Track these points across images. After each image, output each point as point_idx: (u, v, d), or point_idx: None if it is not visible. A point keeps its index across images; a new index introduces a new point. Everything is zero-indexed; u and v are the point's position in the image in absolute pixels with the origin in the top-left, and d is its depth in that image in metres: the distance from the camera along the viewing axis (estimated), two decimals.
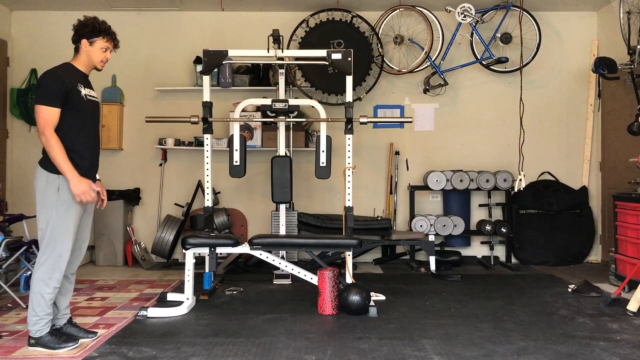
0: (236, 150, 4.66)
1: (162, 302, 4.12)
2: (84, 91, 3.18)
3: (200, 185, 5.77)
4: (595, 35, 6.11)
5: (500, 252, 5.92)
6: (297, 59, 5.15)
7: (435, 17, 5.80)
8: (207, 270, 4.57)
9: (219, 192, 5.94)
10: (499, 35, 5.84)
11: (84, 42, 3.21)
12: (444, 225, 5.66)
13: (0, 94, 5.87)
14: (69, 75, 3.15)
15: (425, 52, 5.84)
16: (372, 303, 3.82)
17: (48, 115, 3.01)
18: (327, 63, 4.50)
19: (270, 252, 4.15)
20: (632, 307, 3.78)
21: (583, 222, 5.97)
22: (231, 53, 4.50)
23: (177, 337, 3.29)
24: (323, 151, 4.59)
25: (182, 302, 3.89)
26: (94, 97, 3.27)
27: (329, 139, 4.62)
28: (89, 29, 3.20)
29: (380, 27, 5.85)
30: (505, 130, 6.07)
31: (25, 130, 6.06)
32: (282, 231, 5.00)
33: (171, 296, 4.19)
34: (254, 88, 5.92)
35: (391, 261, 5.92)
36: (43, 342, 3.06)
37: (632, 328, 3.49)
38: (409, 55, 5.98)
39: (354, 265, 5.36)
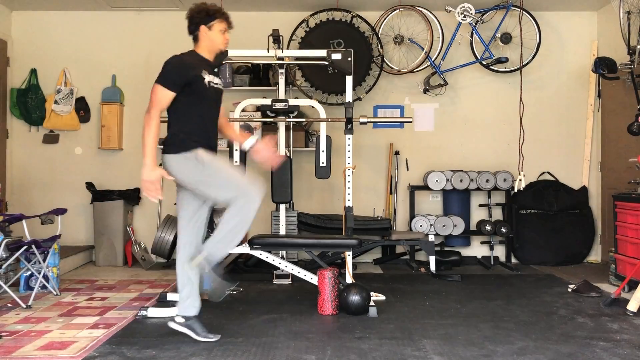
0: (236, 150, 4.66)
1: (162, 302, 4.12)
2: (208, 78, 3.19)
3: None
4: (595, 35, 6.11)
5: (500, 252, 5.92)
6: (297, 59, 5.15)
7: (435, 17, 5.80)
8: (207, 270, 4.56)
9: None
10: (498, 35, 5.84)
11: (203, 28, 3.21)
12: (444, 225, 5.66)
13: (0, 94, 5.87)
14: (194, 61, 3.19)
15: (425, 52, 5.84)
16: (372, 303, 3.82)
17: (161, 96, 3.07)
18: (327, 63, 4.49)
19: (270, 252, 4.15)
20: (632, 307, 3.78)
21: (583, 222, 5.97)
22: (231, 53, 4.50)
23: (177, 337, 3.28)
24: (323, 151, 4.59)
25: None
26: (217, 84, 3.28)
27: (329, 139, 4.62)
28: (204, 14, 3.21)
29: (380, 27, 5.85)
30: (505, 130, 6.07)
31: (25, 130, 6.06)
32: (282, 231, 5.00)
33: (171, 296, 4.18)
34: (253, 88, 5.92)
35: (391, 261, 5.92)
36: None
37: (632, 328, 3.49)
38: (409, 55, 5.98)
39: (354, 265, 5.36)
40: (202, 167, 3.11)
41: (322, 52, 4.51)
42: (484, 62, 5.88)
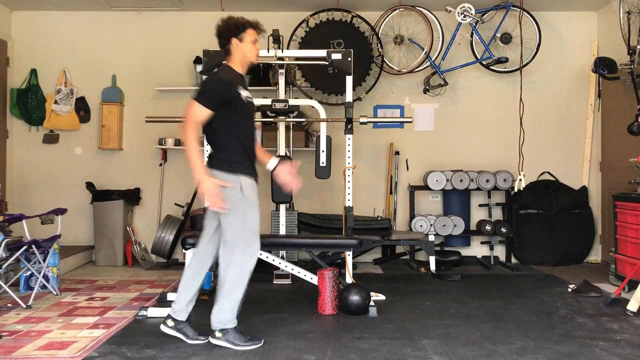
0: None
1: (162, 302, 4.11)
2: (244, 93, 3.20)
3: None
4: (595, 35, 6.11)
5: (500, 252, 5.92)
6: (297, 59, 5.14)
7: (435, 17, 5.80)
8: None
9: None
10: (499, 35, 5.84)
11: (234, 41, 3.20)
12: (444, 225, 5.66)
13: (0, 94, 5.87)
14: (232, 79, 3.20)
15: (425, 52, 5.84)
16: (372, 303, 3.82)
17: (198, 112, 3.06)
18: (327, 63, 4.49)
19: (270, 252, 4.15)
20: (632, 307, 3.78)
21: (583, 222, 5.97)
22: None
23: (177, 338, 3.28)
24: (323, 151, 4.59)
25: None
26: (250, 97, 3.29)
27: (329, 139, 4.62)
28: (234, 27, 3.21)
29: (380, 27, 5.85)
30: (505, 130, 6.07)
31: (25, 130, 6.06)
32: (282, 231, 5.00)
33: (171, 296, 4.18)
34: (253, 88, 5.89)
35: (391, 261, 5.92)
36: (229, 338, 3.12)
37: (632, 328, 3.49)
38: (409, 55, 5.98)
39: (354, 265, 5.36)
40: (240, 197, 3.11)
41: (322, 52, 4.51)
42: (484, 62, 5.88)
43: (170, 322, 3.24)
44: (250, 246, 3.15)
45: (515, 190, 5.64)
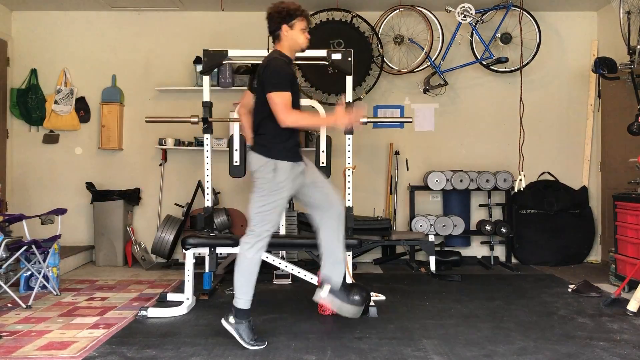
0: (236, 150, 4.66)
1: (162, 302, 4.12)
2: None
3: (200, 185, 5.77)
4: (595, 35, 6.11)
5: (500, 252, 5.92)
6: (296, 59, 5.12)
7: (435, 17, 5.80)
8: (207, 270, 4.57)
9: (219, 192, 5.93)
10: (499, 35, 5.84)
11: (285, 27, 3.21)
12: (444, 225, 5.66)
13: (1, 94, 5.87)
14: (290, 63, 3.24)
15: (425, 52, 5.84)
16: (372, 303, 3.82)
17: (284, 99, 3.09)
18: (327, 63, 4.49)
19: (270, 252, 4.15)
20: (632, 307, 3.78)
21: (583, 222, 5.97)
22: (231, 53, 4.50)
23: (177, 337, 3.29)
24: (323, 151, 4.59)
25: (182, 302, 3.89)
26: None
27: (328, 139, 4.62)
28: (285, 13, 3.20)
29: (380, 27, 5.85)
30: (505, 130, 6.07)
31: (25, 130, 6.06)
32: (282, 231, 5.00)
33: (171, 296, 4.19)
34: None
35: (391, 261, 5.92)
36: (239, 329, 3.14)
37: (632, 328, 3.49)
38: (409, 55, 5.98)
39: (354, 265, 5.36)
40: (272, 180, 3.13)
41: (322, 52, 4.50)
42: (484, 62, 5.88)
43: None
44: (269, 224, 3.19)
45: (515, 190, 5.64)
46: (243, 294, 3.20)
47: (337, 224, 3.34)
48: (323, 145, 4.59)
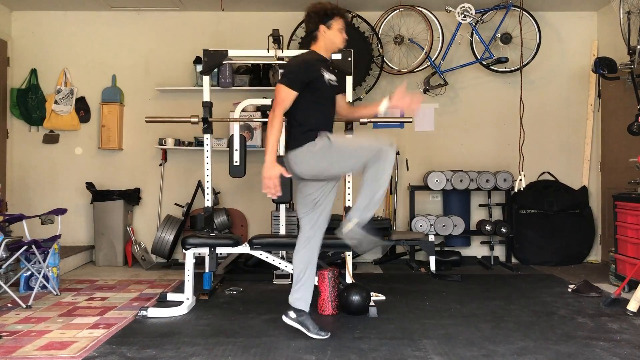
0: (236, 150, 4.66)
1: (162, 302, 4.12)
2: (327, 76, 3.26)
3: (200, 185, 5.77)
4: (595, 35, 6.11)
5: (500, 252, 5.92)
6: None
7: (435, 17, 5.80)
8: (207, 270, 4.57)
9: (219, 192, 5.94)
10: (499, 35, 5.84)
11: (322, 27, 3.26)
12: (444, 225, 5.66)
13: (1, 94, 5.87)
14: (315, 61, 3.26)
15: (425, 52, 5.84)
16: (372, 303, 3.82)
17: (285, 95, 3.12)
18: None
19: (270, 252, 4.15)
20: (632, 307, 3.78)
21: (583, 222, 5.97)
22: (231, 53, 4.50)
23: (177, 337, 3.29)
24: None
25: (182, 302, 3.89)
26: (334, 81, 3.33)
27: None
28: (323, 14, 3.25)
29: (380, 27, 5.85)
30: (505, 130, 6.07)
31: (25, 130, 6.06)
32: (282, 231, 5.00)
33: (171, 296, 4.19)
34: (254, 88, 5.92)
35: (391, 261, 5.92)
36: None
37: (632, 328, 3.49)
38: (409, 55, 5.98)
39: (354, 265, 5.36)
40: (330, 144, 3.15)
41: None
42: (484, 62, 5.88)
43: (292, 314, 3.28)
44: (379, 146, 3.14)
45: (515, 190, 5.64)
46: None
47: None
48: None
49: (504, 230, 5.66)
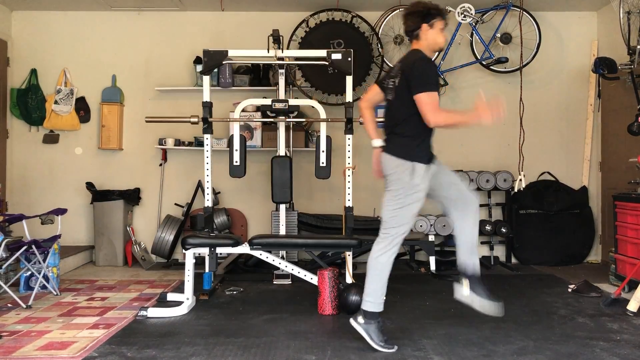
0: (236, 150, 4.66)
1: (162, 302, 4.12)
2: None
3: (200, 185, 5.77)
4: (595, 35, 6.11)
5: (500, 252, 5.92)
6: (297, 59, 5.15)
7: None
8: (207, 270, 4.57)
9: (219, 192, 5.94)
10: (499, 35, 5.84)
11: (424, 26, 3.19)
12: (444, 225, 5.66)
13: (1, 94, 5.87)
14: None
15: None
16: None
17: (433, 99, 3.05)
18: (327, 63, 4.50)
19: (270, 252, 4.15)
20: (632, 307, 3.78)
21: (583, 222, 5.97)
22: (231, 53, 4.51)
23: (177, 337, 3.29)
24: (323, 151, 4.59)
25: (182, 302, 3.89)
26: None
27: (329, 139, 4.62)
28: (426, 12, 3.18)
29: (380, 27, 5.85)
30: (505, 130, 6.07)
31: (25, 130, 6.06)
32: (282, 231, 5.00)
33: (171, 296, 4.19)
34: (254, 88, 5.92)
35: None
36: (369, 329, 3.08)
37: (632, 328, 3.49)
38: None
39: (354, 265, 5.36)
40: (409, 182, 3.16)
41: (322, 52, 4.51)
42: (484, 62, 5.88)
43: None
44: (403, 227, 3.20)
45: (515, 190, 5.64)
46: (376, 298, 3.12)
47: (474, 219, 3.32)
48: (323, 145, 4.59)
49: (504, 230, 5.66)
